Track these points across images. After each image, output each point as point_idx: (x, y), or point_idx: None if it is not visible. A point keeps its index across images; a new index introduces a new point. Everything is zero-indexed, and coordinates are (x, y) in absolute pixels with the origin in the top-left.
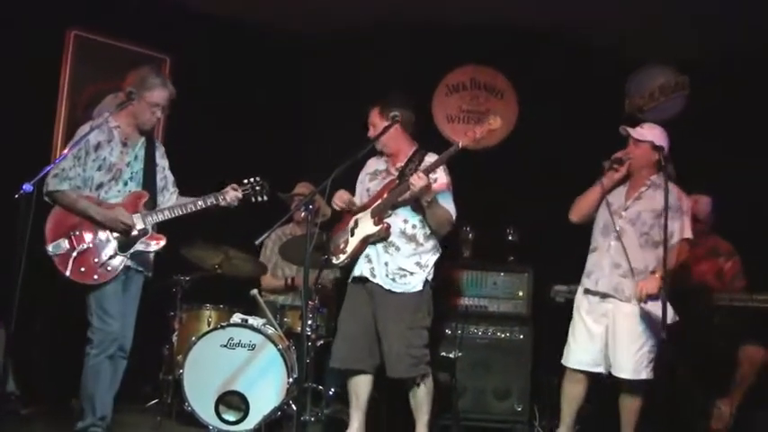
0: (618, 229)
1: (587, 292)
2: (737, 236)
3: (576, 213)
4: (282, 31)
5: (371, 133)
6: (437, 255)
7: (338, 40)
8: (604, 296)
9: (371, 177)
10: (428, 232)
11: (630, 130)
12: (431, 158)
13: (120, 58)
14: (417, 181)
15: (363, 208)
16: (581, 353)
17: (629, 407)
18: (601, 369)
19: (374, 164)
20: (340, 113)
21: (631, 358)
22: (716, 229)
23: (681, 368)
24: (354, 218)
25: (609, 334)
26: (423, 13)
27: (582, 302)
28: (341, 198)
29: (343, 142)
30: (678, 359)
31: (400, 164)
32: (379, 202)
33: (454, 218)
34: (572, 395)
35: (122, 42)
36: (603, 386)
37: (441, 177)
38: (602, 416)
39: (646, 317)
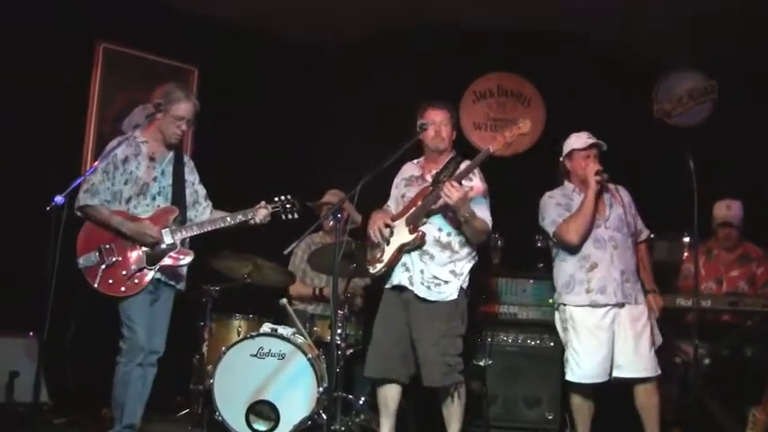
0: (609, 238)
1: (596, 305)
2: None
3: (577, 234)
4: (309, 41)
5: (433, 134)
6: (472, 263)
7: (365, 49)
8: (615, 305)
9: (407, 183)
10: (463, 240)
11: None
12: (465, 165)
13: (148, 70)
14: (452, 192)
15: (399, 216)
16: (589, 367)
17: (654, 405)
18: (606, 377)
19: (410, 169)
20: (367, 121)
21: (649, 356)
22: (746, 234)
23: (713, 374)
24: (389, 228)
25: (620, 339)
26: (448, 19)
27: (586, 318)
28: (376, 227)
29: (371, 150)
30: (711, 367)
31: (435, 170)
32: (413, 209)
33: (490, 226)
34: (584, 409)
35: (151, 54)
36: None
37: (477, 184)
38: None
39: (648, 316)
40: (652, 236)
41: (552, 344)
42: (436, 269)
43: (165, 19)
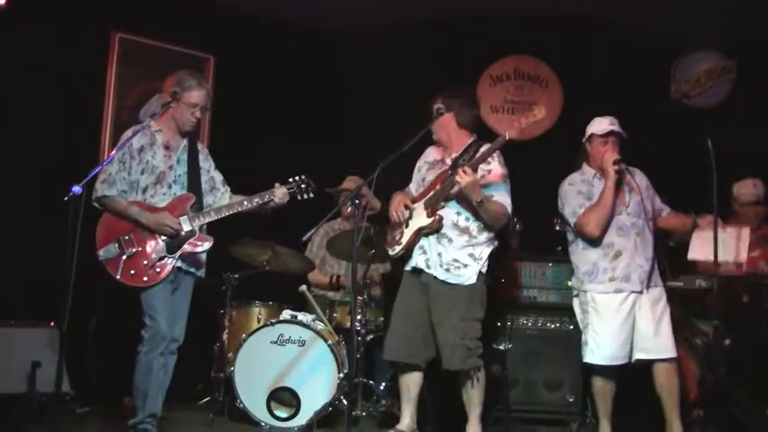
0: (631, 225)
1: (619, 291)
2: None
3: (598, 226)
4: (325, 27)
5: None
6: (491, 247)
7: (382, 33)
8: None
9: (429, 167)
10: (482, 225)
11: (616, 128)
12: (485, 149)
13: (164, 58)
14: (462, 177)
15: (419, 198)
16: (610, 349)
17: (675, 386)
18: (626, 360)
19: (432, 153)
20: (385, 106)
21: (669, 337)
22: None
23: (733, 354)
24: (408, 210)
25: (641, 322)
26: (465, 3)
27: (608, 301)
28: (396, 208)
29: (389, 135)
30: (732, 348)
31: (455, 154)
32: (432, 193)
33: (510, 210)
34: (606, 391)
35: (166, 43)
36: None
37: (495, 168)
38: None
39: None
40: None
41: (572, 327)
42: (455, 252)
43: (180, 7)
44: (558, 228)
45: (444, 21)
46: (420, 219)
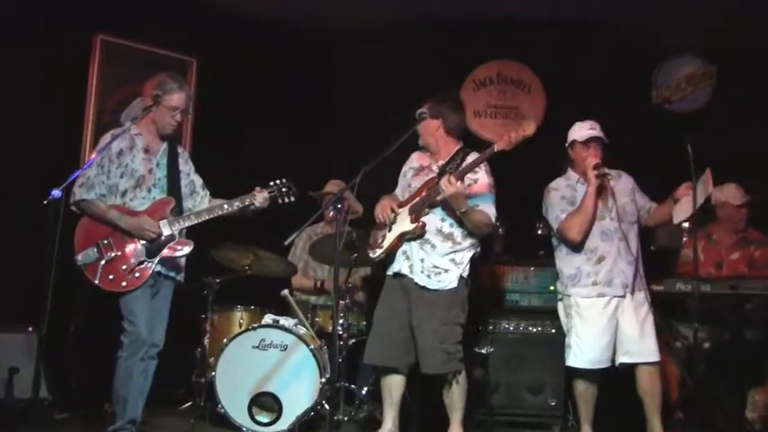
0: (614, 230)
1: (602, 296)
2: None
3: (580, 231)
4: (308, 31)
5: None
6: (473, 252)
7: (364, 37)
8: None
9: (415, 173)
10: (465, 231)
11: (598, 133)
12: (472, 158)
13: (147, 61)
14: (447, 186)
15: (404, 204)
16: (593, 353)
17: (657, 389)
18: (608, 364)
19: (418, 158)
20: (368, 110)
21: (653, 341)
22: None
23: (714, 357)
24: (394, 213)
25: (624, 325)
26: (448, 8)
27: (591, 305)
28: (381, 209)
29: (372, 139)
30: (712, 351)
31: (443, 161)
32: (417, 199)
33: (494, 219)
34: (588, 394)
35: (149, 46)
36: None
37: (482, 178)
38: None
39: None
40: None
41: (554, 330)
42: (437, 258)
43: (163, 10)
44: (540, 232)
45: (427, 25)
46: (403, 224)
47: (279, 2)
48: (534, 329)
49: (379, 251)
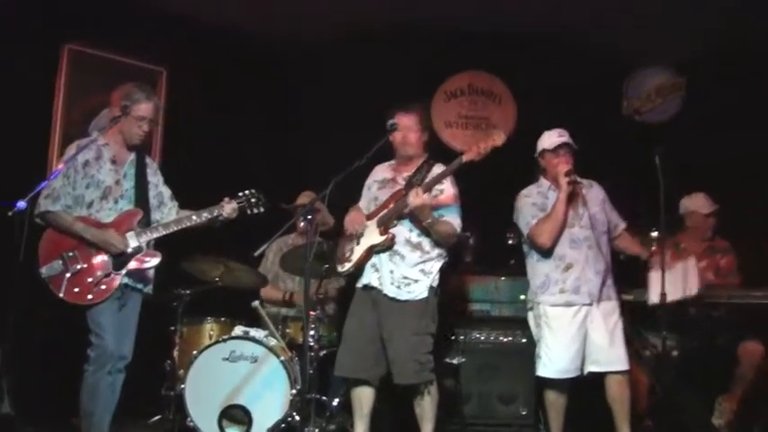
0: (584, 238)
1: (570, 305)
2: (734, 233)
3: (550, 237)
4: (280, 40)
5: (400, 138)
6: (442, 261)
7: (337, 48)
8: (589, 304)
9: (380, 186)
10: (433, 241)
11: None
12: (438, 170)
13: (116, 71)
14: (414, 198)
15: (371, 217)
16: (562, 363)
17: (626, 398)
18: (578, 373)
19: (382, 171)
20: (339, 121)
21: (622, 350)
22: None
23: (681, 365)
24: (361, 227)
25: (594, 335)
26: (420, 19)
27: (559, 315)
28: (350, 222)
29: (343, 150)
30: (680, 359)
31: (408, 173)
32: (385, 212)
33: (459, 230)
34: (558, 404)
35: (118, 56)
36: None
37: (447, 189)
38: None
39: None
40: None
41: (525, 340)
42: (406, 269)
43: (133, 20)
44: (511, 241)
45: (399, 35)
46: (372, 237)
47: (249, 12)
48: (505, 339)
49: (347, 265)
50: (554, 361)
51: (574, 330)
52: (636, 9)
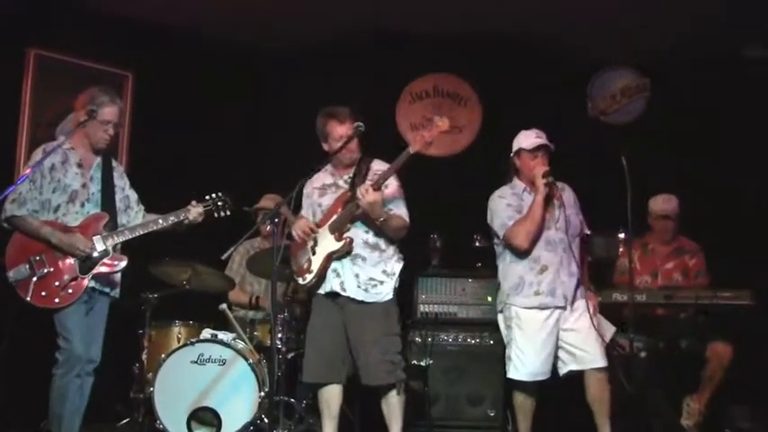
0: (559, 240)
1: (544, 308)
2: (701, 235)
3: (526, 238)
4: (245, 45)
5: (334, 146)
6: (401, 263)
7: (301, 51)
8: (562, 306)
9: (321, 192)
10: (386, 239)
11: (546, 142)
12: (378, 165)
13: (82, 76)
14: (365, 196)
15: (321, 224)
16: (534, 365)
17: (607, 396)
18: (548, 375)
19: (321, 177)
20: (306, 125)
21: (598, 347)
22: (681, 228)
23: (650, 366)
24: (313, 235)
25: (567, 335)
26: (386, 22)
27: (532, 317)
28: (303, 230)
29: (308, 154)
30: (648, 360)
31: (348, 175)
32: (335, 217)
33: (408, 221)
34: (526, 406)
35: (84, 60)
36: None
37: (391, 182)
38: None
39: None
40: (588, 233)
41: (492, 342)
42: (371, 270)
43: (99, 25)
44: (478, 244)
45: (365, 37)
46: (328, 244)
47: (214, 18)
48: (473, 341)
49: (309, 276)
50: (525, 364)
51: (545, 333)
52: (602, 11)
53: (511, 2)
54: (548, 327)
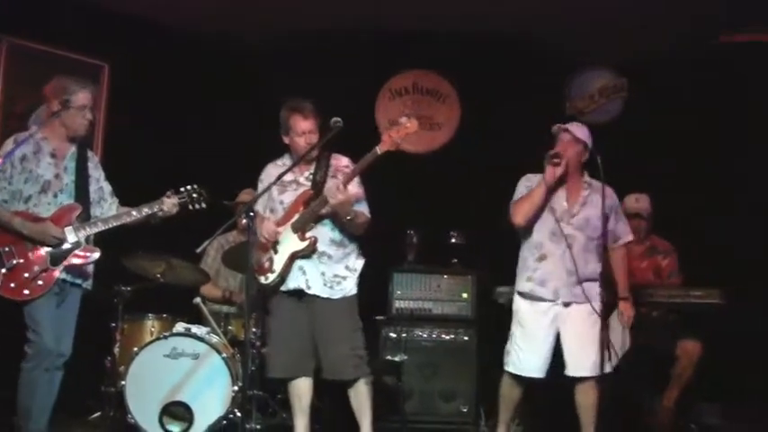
0: (567, 235)
1: (538, 299)
2: (674, 234)
3: (522, 216)
4: (223, 37)
5: (303, 143)
6: (362, 259)
7: (281, 46)
8: (557, 303)
9: (281, 189)
10: (347, 234)
11: (572, 129)
12: (338, 161)
13: (57, 66)
14: (336, 194)
15: (282, 222)
16: (527, 361)
17: (591, 404)
18: (542, 374)
19: (276, 172)
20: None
21: (593, 356)
22: (655, 227)
23: (622, 364)
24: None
25: (566, 337)
26: (366, 18)
27: (528, 312)
28: (269, 232)
29: (286, 147)
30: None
31: (308, 172)
32: (298, 215)
33: (370, 217)
34: (511, 398)
35: (59, 50)
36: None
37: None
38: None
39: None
40: (625, 241)
41: (466, 338)
42: (336, 267)
43: (74, 14)
44: (454, 240)
45: (345, 34)
46: (292, 243)
47: (191, 9)
48: (447, 337)
49: (271, 276)
50: (522, 360)
51: (543, 332)
52: (581, 10)
53: (495, 1)
54: (545, 326)
